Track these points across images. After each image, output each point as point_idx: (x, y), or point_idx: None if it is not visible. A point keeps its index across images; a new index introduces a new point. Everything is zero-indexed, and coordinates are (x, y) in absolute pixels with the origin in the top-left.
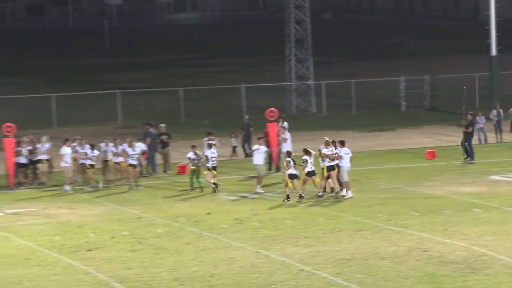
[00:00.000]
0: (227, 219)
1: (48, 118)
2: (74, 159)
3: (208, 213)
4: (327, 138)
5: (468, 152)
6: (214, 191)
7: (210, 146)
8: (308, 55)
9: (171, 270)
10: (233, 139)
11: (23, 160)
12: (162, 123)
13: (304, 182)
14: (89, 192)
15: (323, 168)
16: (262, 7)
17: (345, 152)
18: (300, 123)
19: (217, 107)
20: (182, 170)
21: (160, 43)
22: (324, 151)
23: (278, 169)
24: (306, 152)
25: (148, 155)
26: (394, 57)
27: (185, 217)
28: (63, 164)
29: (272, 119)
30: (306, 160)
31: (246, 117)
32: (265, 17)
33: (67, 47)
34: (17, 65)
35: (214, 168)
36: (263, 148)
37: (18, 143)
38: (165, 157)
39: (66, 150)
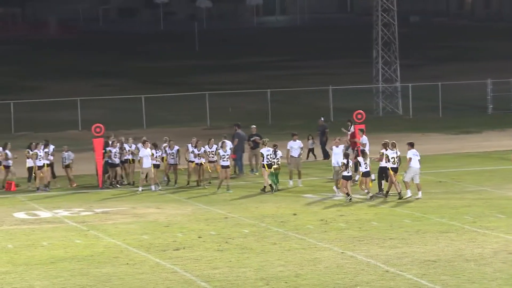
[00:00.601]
0: (313, 219)
1: (138, 119)
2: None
3: (294, 214)
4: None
5: None
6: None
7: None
8: (395, 58)
9: (257, 270)
10: (310, 142)
11: (116, 160)
12: (253, 125)
13: (361, 183)
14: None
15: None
16: (350, 11)
17: (414, 153)
18: (387, 125)
19: (304, 109)
20: None
21: (249, 45)
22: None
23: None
24: (363, 153)
25: (236, 156)
26: (481, 59)
27: (271, 217)
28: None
29: (360, 121)
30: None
31: (322, 119)
32: (353, 20)
33: (158, 49)
34: (109, 67)
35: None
36: (340, 149)
37: (107, 144)
38: (255, 158)
39: (147, 152)
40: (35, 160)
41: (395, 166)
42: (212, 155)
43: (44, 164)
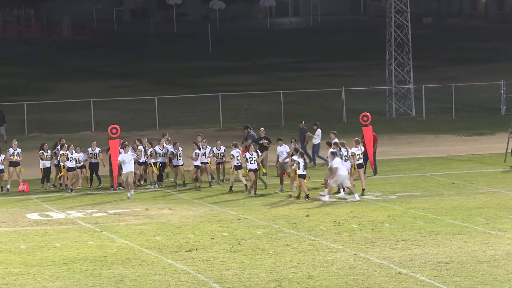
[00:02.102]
0: (326, 221)
1: (151, 120)
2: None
3: (307, 215)
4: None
5: None
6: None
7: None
8: (408, 59)
9: (269, 271)
10: (292, 144)
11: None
12: (262, 127)
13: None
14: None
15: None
16: (363, 12)
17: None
18: (400, 126)
19: (317, 111)
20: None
21: (262, 47)
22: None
23: (375, 172)
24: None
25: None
26: (494, 61)
27: (284, 219)
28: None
29: (366, 123)
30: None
31: (303, 122)
32: (366, 21)
33: (171, 51)
34: (122, 68)
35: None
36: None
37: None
38: (262, 161)
39: (127, 156)
40: (65, 161)
41: (360, 162)
42: (221, 157)
43: (76, 166)
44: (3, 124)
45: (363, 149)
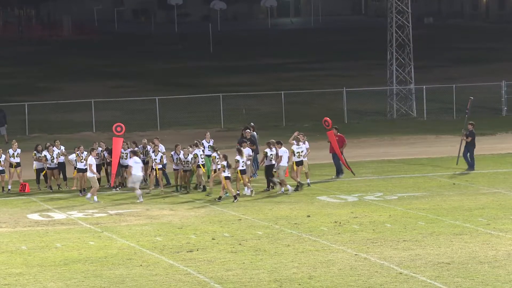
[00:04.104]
0: (327, 221)
1: (153, 121)
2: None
3: (308, 216)
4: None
5: (469, 163)
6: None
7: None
8: (409, 60)
9: (270, 271)
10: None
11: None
12: (248, 129)
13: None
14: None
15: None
16: (364, 12)
17: (284, 151)
18: (401, 127)
19: (318, 111)
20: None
21: (263, 47)
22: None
23: (343, 173)
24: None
25: (253, 157)
26: (495, 61)
27: (285, 219)
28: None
29: (328, 128)
30: (238, 160)
31: (250, 128)
32: (367, 22)
33: (172, 51)
34: (123, 68)
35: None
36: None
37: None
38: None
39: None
40: (75, 163)
41: (299, 159)
42: (187, 164)
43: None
44: (4, 124)
45: (304, 147)
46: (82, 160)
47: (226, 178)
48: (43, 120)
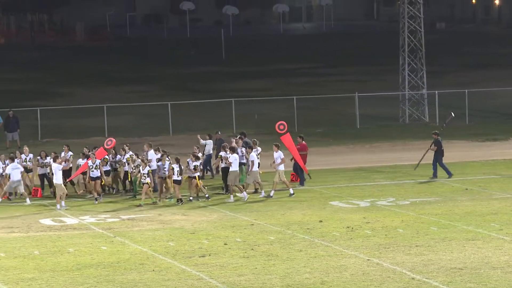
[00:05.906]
0: (339, 227)
1: (165, 126)
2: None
3: (320, 221)
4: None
5: (436, 172)
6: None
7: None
8: (422, 65)
9: (282, 277)
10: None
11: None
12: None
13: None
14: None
15: None
16: (376, 18)
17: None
18: (413, 132)
19: (330, 116)
20: (294, 178)
21: (276, 52)
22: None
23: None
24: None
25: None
26: (508, 66)
27: (298, 224)
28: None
29: (282, 131)
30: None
31: (219, 133)
32: (379, 27)
33: (185, 56)
34: (135, 73)
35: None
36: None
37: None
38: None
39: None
40: (90, 171)
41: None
42: (164, 171)
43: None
44: (17, 129)
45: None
46: (92, 170)
47: (175, 182)
48: (55, 125)
